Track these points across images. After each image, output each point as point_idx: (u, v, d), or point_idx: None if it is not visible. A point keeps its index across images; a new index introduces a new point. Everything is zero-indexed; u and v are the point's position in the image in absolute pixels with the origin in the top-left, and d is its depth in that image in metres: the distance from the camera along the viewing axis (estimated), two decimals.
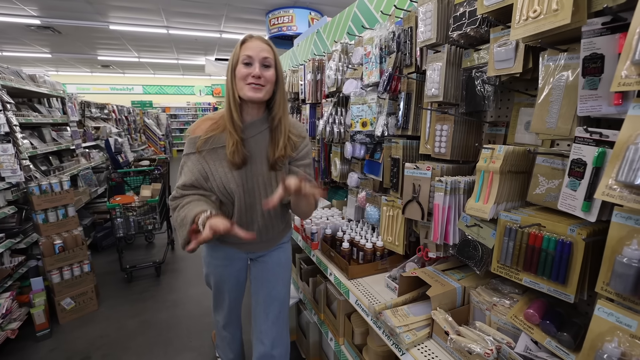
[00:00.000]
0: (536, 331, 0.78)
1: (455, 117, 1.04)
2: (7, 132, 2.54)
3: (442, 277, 1.04)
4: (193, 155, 1.18)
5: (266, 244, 1.37)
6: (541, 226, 0.77)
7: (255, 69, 1.09)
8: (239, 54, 1.11)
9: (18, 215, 2.73)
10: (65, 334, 2.50)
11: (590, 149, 0.63)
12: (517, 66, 0.78)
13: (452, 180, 0.98)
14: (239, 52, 1.11)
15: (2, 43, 8.50)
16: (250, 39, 1.13)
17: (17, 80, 2.99)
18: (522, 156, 0.86)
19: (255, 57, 1.10)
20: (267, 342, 1.40)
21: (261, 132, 1.20)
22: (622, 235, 0.57)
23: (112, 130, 5.89)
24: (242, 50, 1.11)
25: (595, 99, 0.62)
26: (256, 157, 1.19)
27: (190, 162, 1.18)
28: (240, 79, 1.11)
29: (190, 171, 1.17)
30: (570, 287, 0.72)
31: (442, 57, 0.99)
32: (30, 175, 2.87)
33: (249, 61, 1.10)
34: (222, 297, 1.50)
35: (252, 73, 1.09)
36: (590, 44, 0.61)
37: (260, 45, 1.11)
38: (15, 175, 2.59)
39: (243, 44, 1.12)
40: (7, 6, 5.89)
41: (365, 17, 1.81)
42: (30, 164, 3.20)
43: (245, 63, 1.10)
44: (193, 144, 1.18)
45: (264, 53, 1.11)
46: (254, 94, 1.11)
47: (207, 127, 1.17)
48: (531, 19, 0.66)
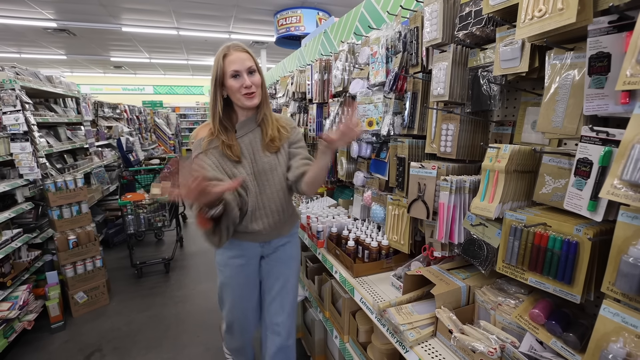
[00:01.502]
0: (541, 331, 0.78)
1: (461, 117, 1.04)
2: (25, 131, 2.63)
3: (447, 276, 1.04)
4: (202, 154, 1.26)
5: (279, 229, 1.41)
6: (547, 226, 0.76)
7: (245, 80, 1.22)
8: (225, 68, 1.22)
9: (35, 211, 2.83)
10: (78, 327, 2.58)
11: (596, 148, 0.63)
12: (523, 65, 0.78)
13: (458, 179, 0.98)
14: (223, 67, 1.22)
15: (21, 45, 8.77)
16: (230, 51, 1.23)
17: (35, 82, 3.09)
18: (529, 155, 0.86)
19: (242, 69, 1.22)
20: (284, 333, 1.45)
21: (253, 130, 1.33)
22: (628, 235, 0.57)
23: (123, 129, 6.01)
24: (226, 65, 1.22)
25: (601, 97, 0.62)
26: (256, 148, 1.32)
27: (201, 161, 1.25)
28: (234, 91, 1.23)
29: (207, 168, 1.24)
30: (576, 288, 0.71)
31: (448, 56, 0.99)
32: (46, 172, 2.95)
33: (237, 74, 1.22)
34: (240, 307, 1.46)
35: (243, 84, 1.22)
36: (596, 42, 0.61)
37: (242, 56, 1.23)
38: (33, 172, 2.68)
39: (225, 58, 1.22)
40: (25, 10, 6.09)
41: (372, 17, 1.82)
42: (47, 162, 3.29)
43: (234, 76, 1.22)
44: (199, 146, 1.28)
45: (248, 62, 1.23)
46: (251, 102, 1.25)
47: (207, 131, 1.30)
48: (536, 18, 0.65)
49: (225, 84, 1.24)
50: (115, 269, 3.57)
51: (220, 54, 1.23)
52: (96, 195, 3.92)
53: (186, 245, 4.26)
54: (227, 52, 1.22)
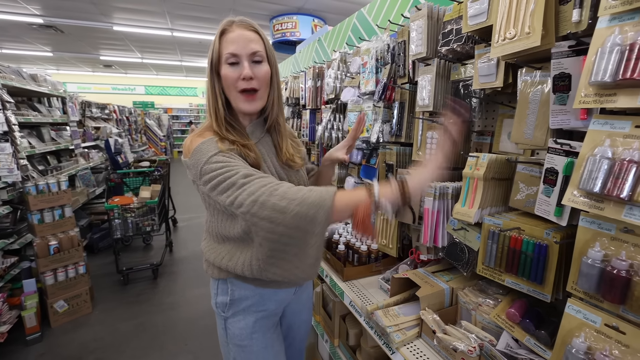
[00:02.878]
0: (517, 329, 0.83)
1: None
2: (5, 131, 2.50)
3: (432, 279, 1.09)
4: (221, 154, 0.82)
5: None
6: (521, 230, 0.82)
7: (244, 69, 0.85)
8: (220, 50, 0.85)
9: (13, 215, 2.67)
10: (57, 338, 2.46)
11: (560, 158, 0.69)
12: (499, 81, 0.84)
13: (441, 185, 1.04)
14: (219, 48, 0.85)
15: (2, 40, 8.46)
16: (231, 27, 0.86)
17: (17, 80, 3.01)
18: (505, 164, 0.92)
19: (242, 53, 0.85)
20: None
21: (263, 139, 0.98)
22: (587, 238, 0.63)
23: (112, 130, 5.94)
24: (223, 45, 0.85)
25: (564, 113, 0.68)
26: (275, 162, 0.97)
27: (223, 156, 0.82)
28: (229, 85, 0.87)
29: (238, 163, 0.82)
30: (547, 287, 0.77)
31: (432, 69, 1.06)
32: (27, 175, 2.86)
33: (235, 60, 0.85)
34: None
35: (241, 75, 0.85)
36: (559, 64, 0.67)
37: (246, 35, 0.85)
38: (12, 174, 2.54)
39: (223, 36, 0.86)
40: (9, 4, 5.92)
41: (364, 28, 1.89)
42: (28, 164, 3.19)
43: (230, 63, 0.85)
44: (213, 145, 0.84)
45: (253, 45, 0.85)
46: (249, 107, 0.89)
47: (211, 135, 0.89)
48: (508, 39, 0.72)
49: (220, 74, 0.87)
50: (100, 275, 3.47)
51: (219, 30, 0.87)
52: (81, 199, 3.85)
53: (176, 250, 4.20)
54: (227, 28, 0.86)
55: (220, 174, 0.78)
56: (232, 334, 0.97)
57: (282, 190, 0.73)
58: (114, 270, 3.35)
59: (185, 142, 0.90)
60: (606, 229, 0.60)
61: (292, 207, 0.70)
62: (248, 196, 0.72)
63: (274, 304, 0.99)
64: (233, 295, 0.95)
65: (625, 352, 0.57)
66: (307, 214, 0.70)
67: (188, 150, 0.86)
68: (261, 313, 0.97)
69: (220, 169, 0.78)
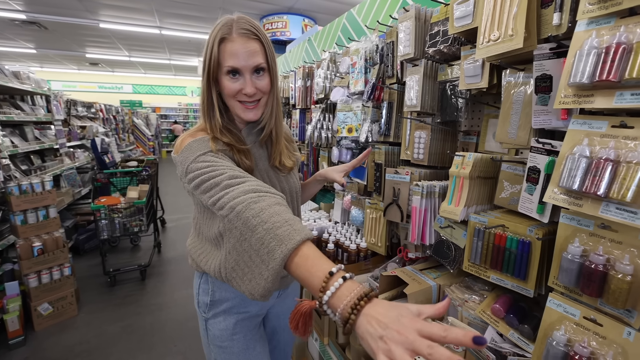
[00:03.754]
0: (501, 324, 0.85)
1: (432, 126, 1.12)
2: None
3: (419, 276, 1.11)
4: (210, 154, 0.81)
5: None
6: (505, 227, 0.84)
7: (247, 85, 0.83)
8: (219, 60, 0.81)
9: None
10: (41, 341, 2.41)
11: (542, 157, 0.71)
12: (484, 82, 0.86)
13: (428, 184, 1.06)
14: (218, 57, 0.81)
15: None
16: (232, 35, 0.80)
17: None
18: (490, 163, 0.94)
19: (245, 68, 0.82)
20: None
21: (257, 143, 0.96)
22: (567, 234, 0.65)
23: (98, 129, 5.82)
24: (222, 54, 0.81)
25: (546, 113, 0.70)
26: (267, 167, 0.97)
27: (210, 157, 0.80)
28: (228, 96, 0.86)
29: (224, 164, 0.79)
30: (530, 283, 0.79)
31: (419, 70, 1.07)
32: (9, 174, 2.79)
33: (236, 72, 0.83)
34: None
35: (242, 90, 0.83)
36: (540, 65, 0.70)
37: (247, 48, 0.80)
38: None
39: (223, 44, 0.81)
40: None
41: (354, 28, 1.90)
42: (10, 163, 3.12)
43: (230, 72, 0.82)
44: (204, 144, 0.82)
45: (256, 58, 0.82)
46: (248, 116, 0.88)
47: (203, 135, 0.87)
48: (492, 41, 0.74)
49: (219, 80, 0.84)
50: (86, 277, 3.41)
51: (217, 34, 0.81)
52: (66, 199, 3.76)
53: (164, 250, 4.15)
54: (227, 35, 0.80)
55: (205, 172, 0.76)
56: (212, 335, 0.96)
57: (259, 206, 0.66)
58: (101, 272, 3.29)
59: (176, 140, 0.89)
60: (585, 225, 0.62)
61: (259, 230, 0.63)
62: (229, 200, 0.69)
63: (256, 306, 0.98)
64: (214, 296, 0.95)
65: (602, 343, 0.59)
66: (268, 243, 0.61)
67: (178, 147, 0.85)
68: (242, 315, 0.96)
69: (205, 168, 0.76)
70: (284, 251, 0.58)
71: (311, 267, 0.56)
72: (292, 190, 1.02)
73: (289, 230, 0.61)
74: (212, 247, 0.88)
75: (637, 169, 0.53)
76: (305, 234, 0.61)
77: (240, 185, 0.72)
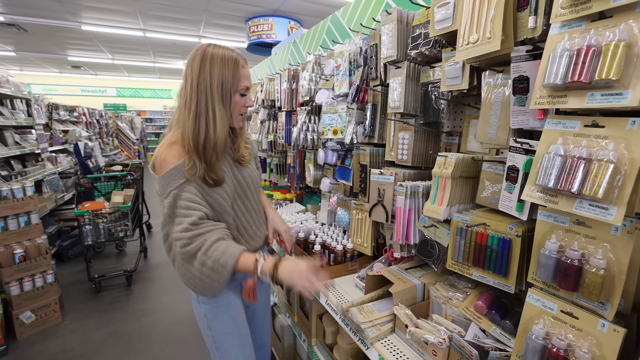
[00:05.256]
0: (484, 320, 0.87)
1: (415, 127, 1.13)
2: None
3: (405, 275, 1.12)
4: (187, 184, 1.00)
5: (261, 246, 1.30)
6: (486, 225, 0.86)
7: (249, 99, 1.10)
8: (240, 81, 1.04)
9: None
10: (24, 350, 2.36)
11: (521, 156, 0.73)
12: (464, 83, 0.88)
13: (412, 184, 1.07)
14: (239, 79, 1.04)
15: None
16: (244, 64, 1.07)
17: None
18: (471, 163, 0.96)
19: (250, 88, 1.10)
20: (267, 341, 1.48)
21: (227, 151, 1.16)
22: (545, 231, 0.67)
23: (82, 133, 5.68)
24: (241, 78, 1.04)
25: (523, 114, 0.72)
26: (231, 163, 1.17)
27: (188, 193, 1.00)
28: (236, 109, 1.07)
29: (197, 202, 1.01)
30: (510, 279, 0.81)
31: (402, 72, 1.09)
32: None
33: (246, 92, 1.08)
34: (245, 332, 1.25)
35: (245, 104, 1.09)
36: (517, 67, 0.71)
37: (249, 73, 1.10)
38: None
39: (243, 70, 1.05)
40: None
41: (338, 31, 1.91)
42: None
43: (242, 94, 1.07)
44: (181, 172, 1.00)
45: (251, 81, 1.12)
46: (243, 123, 1.17)
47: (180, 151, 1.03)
48: (471, 44, 0.75)
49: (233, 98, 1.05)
50: (70, 284, 3.33)
51: (236, 62, 1.04)
52: (49, 205, 3.66)
53: (151, 255, 4.08)
54: (244, 65, 1.06)
55: (180, 207, 1.00)
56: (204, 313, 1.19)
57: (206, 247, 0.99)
58: (85, 279, 3.23)
59: (156, 152, 1.06)
60: (561, 221, 0.64)
61: (209, 263, 0.98)
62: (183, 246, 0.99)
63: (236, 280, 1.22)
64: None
65: (579, 335, 0.61)
66: (216, 269, 0.99)
67: (159, 167, 1.03)
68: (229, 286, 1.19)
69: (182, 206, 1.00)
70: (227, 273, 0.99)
71: (246, 263, 0.98)
72: (253, 181, 1.24)
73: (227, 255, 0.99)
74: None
75: (607, 167, 0.54)
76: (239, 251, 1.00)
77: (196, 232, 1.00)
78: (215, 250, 0.98)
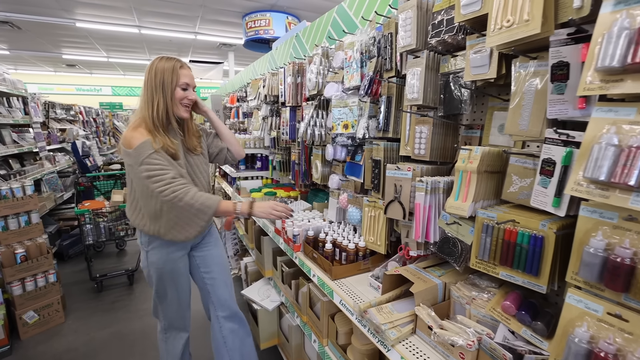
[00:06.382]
0: (513, 322, 0.83)
1: (434, 120, 1.09)
2: None
3: (424, 274, 1.08)
4: (156, 153, 1.32)
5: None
6: (515, 222, 0.82)
7: (190, 93, 1.45)
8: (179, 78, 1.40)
9: None
10: (27, 350, 2.34)
11: (559, 149, 0.68)
12: (492, 72, 0.83)
13: (433, 180, 1.02)
14: (178, 77, 1.40)
15: None
16: (184, 66, 1.44)
17: None
18: (497, 156, 0.91)
19: (191, 85, 1.45)
20: (233, 305, 1.70)
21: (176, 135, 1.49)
22: (588, 227, 0.63)
23: (79, 132, 5.60)
24: (181, 75, 1.40)
25: (562, 102, 0.67)
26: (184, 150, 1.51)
27: (158, 160, 1.32)
28: (177, 100, 1.41)
29: (167, 166, 1.34)
30: (542, 279, 0.77)
31: (421, 62, 1.04)
32: None
33: (186, 87, 1.43)
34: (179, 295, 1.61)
35: (187, 96, 1.44)
36: (557, 52, 0.67)
37: (192, 75, 1.46)
38: None
39: (182, 69, 1.41)
40: None
41: (345, 23, 1.85)
42: None
43: (184, 89, 1.42)
44: (149, 145, 1.32)
45: (194, 82, 1.48)
46: (185, 114, 1.47)
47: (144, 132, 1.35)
48: (505, 28, 0.70)
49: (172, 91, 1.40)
50: (72, 283, 3.30)
51: (176, 64, 1.40)
52: (48, 204, 3.61)
53: None
54: (182, 65, 1.43)
55: (156, 169, 1.30)
56: (152, 261, 1.52)
57: (192, 193, 1.33)
58: (87, 278, 3.20)
59: (124, 134, 1.38)
60: (608, 217, 0.59)
61: (196, 205, 1.34)
62: (171, 192, 1.29)
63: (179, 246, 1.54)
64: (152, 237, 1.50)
65: (630, 340, 0.57)
66: (203, 210, 1.37)
67: (129, 144, 1.33)
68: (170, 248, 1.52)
69: (156, 168, 1.31)
70: (211, 212, 1.39)
71: (226, 206, 1.42)
72: (202, 168, 1.59)
73: (212, 202, 1.38)
74: (149, 217, 1.44)
75: None
76: (219, 199, 1.41)
77: (176, 182, 1.32)
78: (200, 196, 1.34)
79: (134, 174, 1.35)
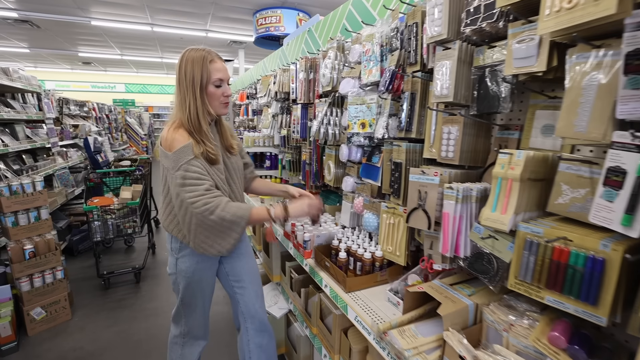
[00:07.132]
0: (563, 357, 0.70)
1: (465, 119, 0.97)
2: None
3: (452, 293, 0.96)
4: (195, 159, 1.23)
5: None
6: (567, 240, 0.70)
7: (227, 89, 1.33)
8: (210, 74, 1.27)
9: None
10: (34, 347, 2.32)
11: (632, 155, 0.56)
12: (541, 64, 0.71)
13: (464, 187, 0.91)
14: (210, 73, 1.26)
15: None
16: (215, 59, 1.29)
17: None
18: (542, 162, 0.79)
19: (225, 79, 1.32)
20: (264, 318, 1.57)
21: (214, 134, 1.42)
22: None
23: (91, 128, 5.64)
24: (212, 71, 1.27)
25: (638, 99, 0.55)
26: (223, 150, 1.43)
27: (197, 167, 1.23)
28: (215, 98, 1.31)
29: (205, 175, 1.25)
30: (602, 309, 0.65)
31: (453, 54, 0.92)
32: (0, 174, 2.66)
33: (220, 84, 1.30)
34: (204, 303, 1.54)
35: (224, 93, 1.33)
36: (634, 38, 0.54)
37: (225, 67, 1.33)
38: None
39: (212, 64, 1.28)
40: None
41: (362, 15, 1.73)
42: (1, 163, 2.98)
43: (217, 85, 1.30)
44: (190, 150, 1.23)
45: (228, 74, 1.34)
46: (226, 110, 1.38)
47: (186, 134, 1.26)
48: (565, 9, 0.58)
49: (206, 89, 1.28)
50: (79, 279, 3.29)
51: (205, 58, 1.26)
52: (59, 199, 3.61)
53: (159, 252, 4.00)
54: (213, 59, 1.28)
55: (193, 177, 1.22)
56: (181, 269, 1.42)
57: (223, 204, 1.22)
58: (95, 274, 3.18)
59: (163, 134, 1.29)
60: None
61: (228, 217, 1.22)
62: (203, 205, 1.20)
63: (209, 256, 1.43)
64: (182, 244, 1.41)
65: None
66: (235, 221, 1.25)
67: (169, 146, 1.25)
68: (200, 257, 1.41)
69: (193, 177, 1.22)
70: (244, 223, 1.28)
71: (259, 213, 1.31)
72: (238, 167, 1.49)
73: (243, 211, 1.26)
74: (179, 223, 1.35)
75: None
76: (250, 207, 1.29)
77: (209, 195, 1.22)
78: (232, 207, 1.23)
79: (170, 178, 1.26)
